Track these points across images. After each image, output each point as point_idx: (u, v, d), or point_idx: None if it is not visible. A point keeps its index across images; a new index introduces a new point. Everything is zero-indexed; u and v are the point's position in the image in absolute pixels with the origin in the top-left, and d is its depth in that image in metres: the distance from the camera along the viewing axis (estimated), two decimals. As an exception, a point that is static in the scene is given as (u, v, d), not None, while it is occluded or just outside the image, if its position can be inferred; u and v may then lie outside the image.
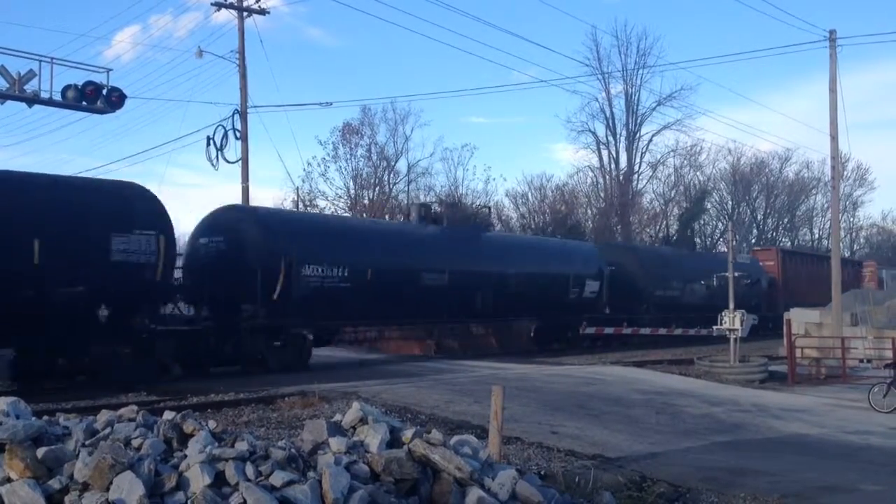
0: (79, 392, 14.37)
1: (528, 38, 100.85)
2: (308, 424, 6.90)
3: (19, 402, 6.63)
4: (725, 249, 31.90)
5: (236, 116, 29.18)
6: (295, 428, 10.28)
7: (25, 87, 19.08)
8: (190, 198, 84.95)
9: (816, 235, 67.55)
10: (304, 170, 46.39)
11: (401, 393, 14.04)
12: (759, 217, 64.77)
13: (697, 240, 55.84)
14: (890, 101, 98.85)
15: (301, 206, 39.84)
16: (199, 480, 5.58)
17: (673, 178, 59.13)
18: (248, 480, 5.66)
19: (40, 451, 5.78)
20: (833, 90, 25.07)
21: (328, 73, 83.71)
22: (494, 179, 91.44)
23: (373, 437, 6.54)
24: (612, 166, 54.56)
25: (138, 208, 16.49)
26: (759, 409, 14.93)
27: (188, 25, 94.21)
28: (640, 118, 54.18)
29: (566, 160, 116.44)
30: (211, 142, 28.63)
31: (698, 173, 60.78)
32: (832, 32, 25.23)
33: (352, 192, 44.68)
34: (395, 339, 26.02)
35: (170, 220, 17.05)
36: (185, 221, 43.80)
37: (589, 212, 53.63)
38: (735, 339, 20.68)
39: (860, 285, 39.70)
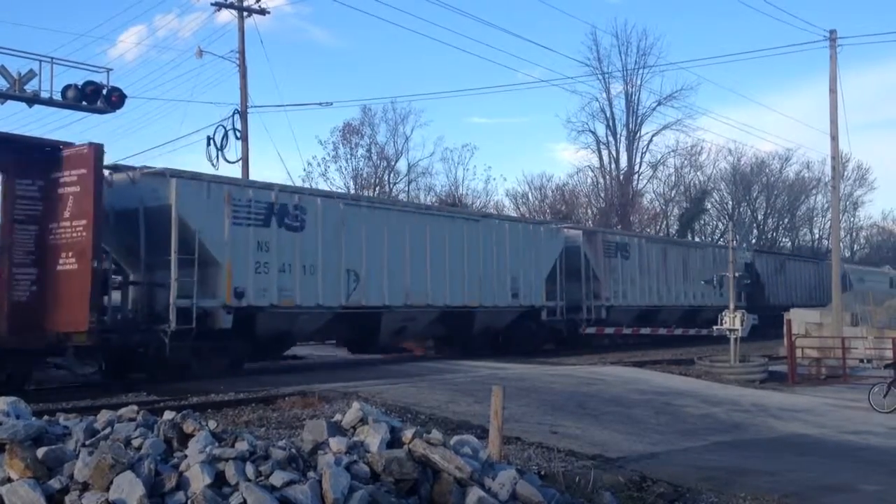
0: (79, 392, 14.37)
1: (529, 38, 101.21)
2: (308, 424, 6.90)
3: (19, 402, 6.64)
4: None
5: (236, 116, 29.20)
6: (295, 428, 10.26)
7: (25, 87, 19.03)
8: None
9: (817, 235, 67.70)
10: (305, 170, 46.56)
11: (401, 393, 14.03)
12: (759, 217, 64.78)
13: (698, 239, 55.85)
14: (890, 101, 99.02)
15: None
16: (199, 480, 5.58)
17: (673, 178, 59.26)
18: (249, 480, 5.66)
19: (40, 451, 5.78)
20: (833, 90, 25.09)
21: (329, 72, 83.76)
22: (495, 179, 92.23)
23: (373, 437, 6.54)
24: (613, 166, 54.59)
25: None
26: (759, 409, 14.93)
27: (190, 25, 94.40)
28: (640, 118, 54.20)
29: (566, 160, 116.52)
30: (211, 142, 28.63)
31: (698, 173, 60.88)
32: (832, 32, 25.26)
33: (352, 191, 44.78)
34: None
35: None
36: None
37: (589, 212, 53.67)
38: (735, 339, 20.67)
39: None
